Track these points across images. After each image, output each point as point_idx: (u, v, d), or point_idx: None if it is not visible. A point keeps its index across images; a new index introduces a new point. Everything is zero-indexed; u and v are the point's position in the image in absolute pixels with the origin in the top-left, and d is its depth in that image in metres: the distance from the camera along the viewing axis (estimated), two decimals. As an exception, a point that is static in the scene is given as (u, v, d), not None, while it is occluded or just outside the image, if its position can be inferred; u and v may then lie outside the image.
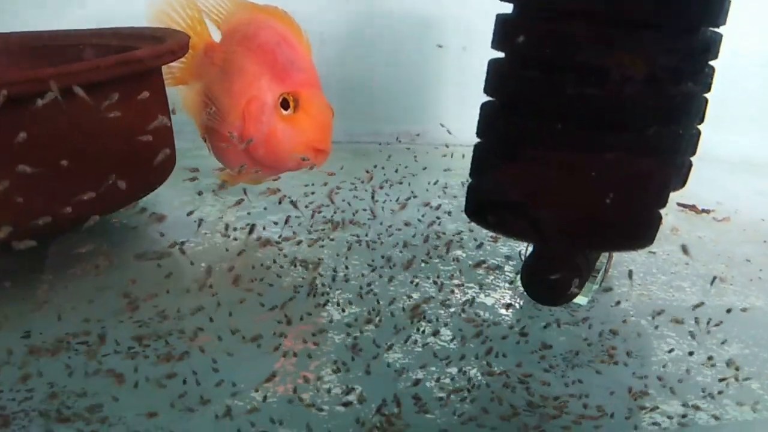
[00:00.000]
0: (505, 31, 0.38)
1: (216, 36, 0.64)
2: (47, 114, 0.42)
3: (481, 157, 0.40)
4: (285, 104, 0.56)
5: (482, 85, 0.40)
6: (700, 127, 0.40)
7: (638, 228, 0.38)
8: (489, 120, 0.39)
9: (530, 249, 0.53)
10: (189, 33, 0.60)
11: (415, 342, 0.43)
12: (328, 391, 0.38)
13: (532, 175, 0.37)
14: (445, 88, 0.98)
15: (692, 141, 0.40)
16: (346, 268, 0.53)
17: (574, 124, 0.35)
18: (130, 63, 0.49)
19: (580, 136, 0.35)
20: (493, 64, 0.40)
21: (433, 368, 0.41)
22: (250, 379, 0.38)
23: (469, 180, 0.42)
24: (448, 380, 0.40)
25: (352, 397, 0.37)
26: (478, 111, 0.40)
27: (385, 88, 0.97)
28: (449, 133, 0.70)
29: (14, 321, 0.43)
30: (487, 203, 0.39)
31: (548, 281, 0.40)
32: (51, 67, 0.44)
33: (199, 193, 0.64)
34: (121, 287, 0.48)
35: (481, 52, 0.41)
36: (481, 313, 0.48)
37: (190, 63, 0.64)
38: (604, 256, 0.49)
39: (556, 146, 0.36)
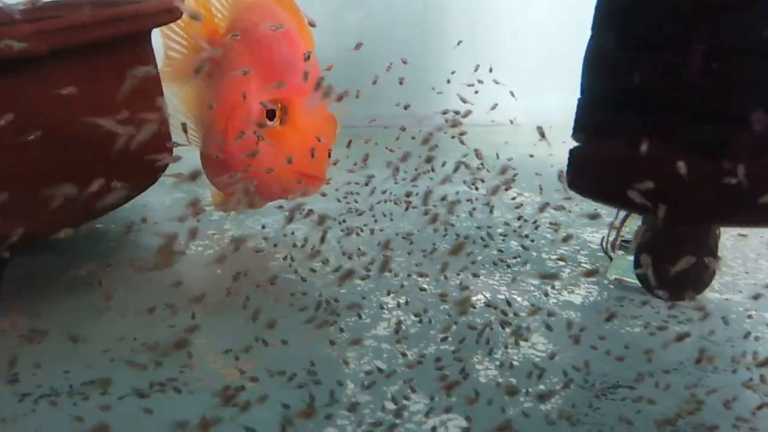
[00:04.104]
0: None
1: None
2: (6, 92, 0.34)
3: (593, 114, 0.34)
4: (272, 115, 0.44)
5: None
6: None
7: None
8: (601, 66, 0.33)
9: (612, 236, 0.48)
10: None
11: (506, 355, 0.37)
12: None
13: (667, 135, 0.31)
14: (448, 69, 0.92)
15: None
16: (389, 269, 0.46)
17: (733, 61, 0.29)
18: (120, 21, 0.40)
19: (734, 81, 0.29)
20: None
21: (542, 386, 0.34)
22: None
23: (573, 143, 0.35)
24: (558, 401, 0.33)
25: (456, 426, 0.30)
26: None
27: (383, 69, 0.91)
28: (467, 104, 0.63)
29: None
30: (600, 171, 0.33)
31: (681, 268, 0.34)
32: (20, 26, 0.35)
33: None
34: (123, 307, 0.40)
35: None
36: (572, 314, 0.41)
37: (191, 55, 0.51)
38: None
39: (704, 98, 0.29)
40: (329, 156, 0.45)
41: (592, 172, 0.34)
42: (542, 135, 0.33)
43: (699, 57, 0.29)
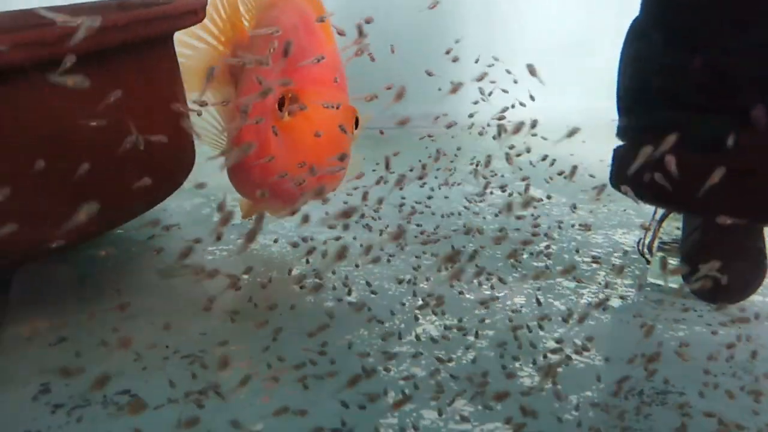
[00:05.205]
0: None
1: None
2: (26, 97, 0.33)
3: (640, 107, 0.33)
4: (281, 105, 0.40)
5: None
6: None
7: None
8: (648, 56, 0.32)
9: (648, 239, 0.47)
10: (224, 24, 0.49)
11: (548, 361, 0.36)
12: None
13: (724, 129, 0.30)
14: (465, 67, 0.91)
15: None
16: (418, 268, 0.45)
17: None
18: (147, 23, 0.40)
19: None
20: None
21: (588, 393, 0.33)
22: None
23: (618, 142, 0.34)
24: (606, 408, 0.32)
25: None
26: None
27: (398, 68, 0.91)
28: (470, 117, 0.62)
29: (26, 369, 0.33)
30: (648, 169, 0.31)
31: (735, 270, 0.33)
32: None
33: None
34: (150, 314, 0.39)
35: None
36: (610, 317, 0.41)
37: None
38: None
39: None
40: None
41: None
42: (533, 73, 0.32)
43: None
